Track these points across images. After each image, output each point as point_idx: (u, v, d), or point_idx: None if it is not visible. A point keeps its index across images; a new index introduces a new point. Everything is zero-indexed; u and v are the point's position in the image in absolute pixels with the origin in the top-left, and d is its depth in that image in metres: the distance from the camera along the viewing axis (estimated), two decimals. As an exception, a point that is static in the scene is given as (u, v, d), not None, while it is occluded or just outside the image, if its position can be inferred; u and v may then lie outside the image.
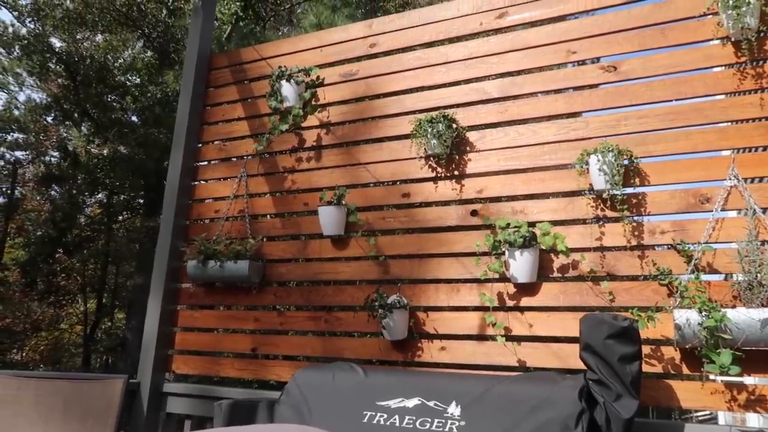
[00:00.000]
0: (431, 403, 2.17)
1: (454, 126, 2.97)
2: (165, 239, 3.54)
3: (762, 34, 2.53)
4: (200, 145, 3.80)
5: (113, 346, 14.77)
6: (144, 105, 12.59)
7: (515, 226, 2.69)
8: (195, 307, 3.60)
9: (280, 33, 13.26)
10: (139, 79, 13.54)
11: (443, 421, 2.08)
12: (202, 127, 3.82)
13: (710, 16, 2.62)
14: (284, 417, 2.34)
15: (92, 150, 13.97)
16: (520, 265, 2.63)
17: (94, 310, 16.51)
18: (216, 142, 3.79)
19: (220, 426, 2.44)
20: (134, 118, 13.50)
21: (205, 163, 3.82)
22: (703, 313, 2.18)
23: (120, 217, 15.41)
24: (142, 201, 13.97)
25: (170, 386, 3.39)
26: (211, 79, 3.89)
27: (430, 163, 3.08)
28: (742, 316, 2.15)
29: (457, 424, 2.07)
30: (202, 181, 3.78)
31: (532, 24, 3.04)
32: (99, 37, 14.25)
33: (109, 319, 17.31)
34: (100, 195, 14.89)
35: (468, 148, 3.01)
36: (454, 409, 2.12)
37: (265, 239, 3.43)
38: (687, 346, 2.29)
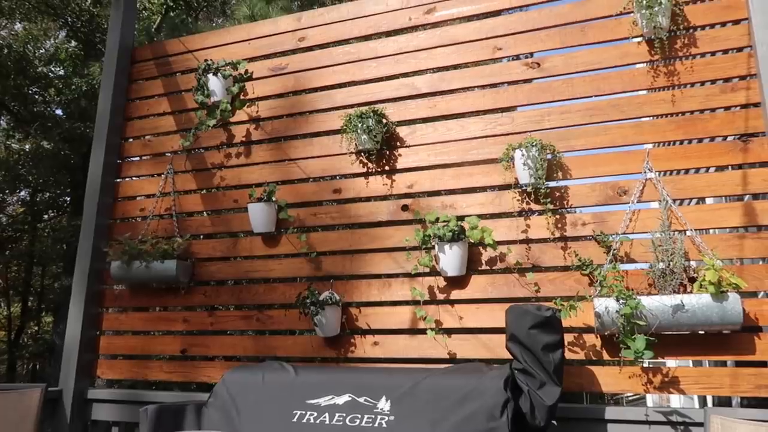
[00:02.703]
0: (361, 399, 2.17)
1: (384, 121, 2.97)
2: (86, 239, 3.39)
3: (673, 34, 2.65)
4: (123, 141, 3.65)
5: (40, 352, 14.06)
6: (69, 98, 11.96)
7: (444, 221, 2.72)
8: (124, 309, 3.47)
9: (213, 24, 12.93)
10: (63, 71, 12.86)
11: (373, 416, 2.09)
12: (126, 123, 3.67)
13: (626, 15, 2.73)
14: (212, 420, 2.28)
15: (12, 145, 13.21)
16: (450, 258, 2.66)
17: (18, 314, 15.65)
18: (141, 138, 3.65)
19: (145, 432, 2.36)
20: (58, 112, 12.83)
21: (130, 159, 3.67)
22: (620, 301, 2.28)
23: (45, 216, 14.64)
24: (68, 199, 13.31)
25: (95, 392, 3.25)
26: (134, 72, 3.74)
27: (361, 158, 3.07)
28: (655, 303, 2.26)
29: (386, 418, 2.08)
30: (126, 179, 3.63)
31: (460, 20, 3.08)
32: (18, 26, 13.46)
33: (35, 324, 16.45)
34: (22, 193, 14.10)
35: (398, 144, 3.02)
36: (383, 404, 2.13)
37: (195, 237, 3.34)
38: (606, 333, 2.39)
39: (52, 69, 12.99)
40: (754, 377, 2.27)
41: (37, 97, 12.50)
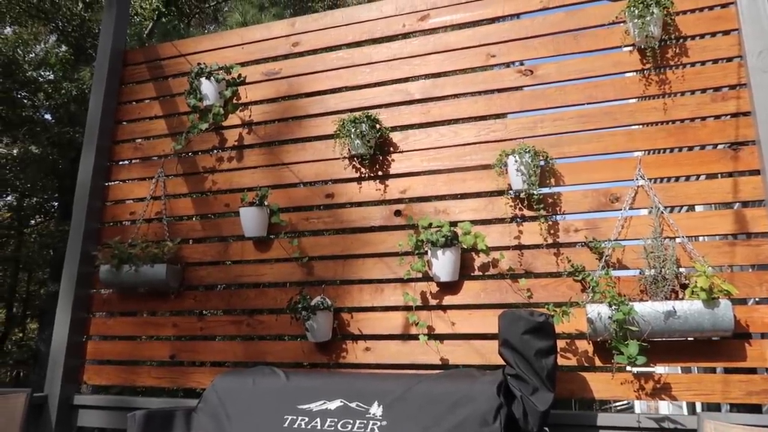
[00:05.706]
0: (353, 404, 2.15)
1: (378, 126, 2.97)
2: (75, 243, 3.35)
3: (664, 43, 2.68)
4: (114, 143, 3.62)
5: (25, 359, 13.84)
6: (58, 102, 11.87)
7: (437, 226, 2.72)
8: (112, 314, 3.43)
9: (205, 30, 12.90)
10: (52, 75, 12.77)
11: (365, 421, 2.07)
12: (116, 126, 3.64)
13: (618, 25, 2.76)
14: (202, 425, 2.25)
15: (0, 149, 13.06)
16: (442, 264, 2.66)
17: (2, 320, 15.42)
18: (132, 141, 3.62)
19: (133, 438, 2.32)
20: (47, 116, 12.72)
21: (121, 162, 3.65)
22: (613, 307, 2.28)
23: (32, 221, 14.47)
24: (56, 204, 13.17)
25: (82, 398, 3.20)
26: (125, 75, 3.72)
27: (353, 163, 3.07)
28: (648, 309, 2.27)
29: (378, 424, 2.06)
30: (116, 182, 3.59)
31: (453, 27, 3.09)
32: (8, 30, 13.36)
33: (20, 330, 16.22)
34: (9, 198, 13.93)
35: (391, 149, 3.02)
36: (376, 410, 2.11)
37: (185, 242, 3.31)
38: (599, 339, 2.39)
39: (42, 73, 12.89)
40: (745, 384, 2.27)
41: (25, 101, 12.39)
